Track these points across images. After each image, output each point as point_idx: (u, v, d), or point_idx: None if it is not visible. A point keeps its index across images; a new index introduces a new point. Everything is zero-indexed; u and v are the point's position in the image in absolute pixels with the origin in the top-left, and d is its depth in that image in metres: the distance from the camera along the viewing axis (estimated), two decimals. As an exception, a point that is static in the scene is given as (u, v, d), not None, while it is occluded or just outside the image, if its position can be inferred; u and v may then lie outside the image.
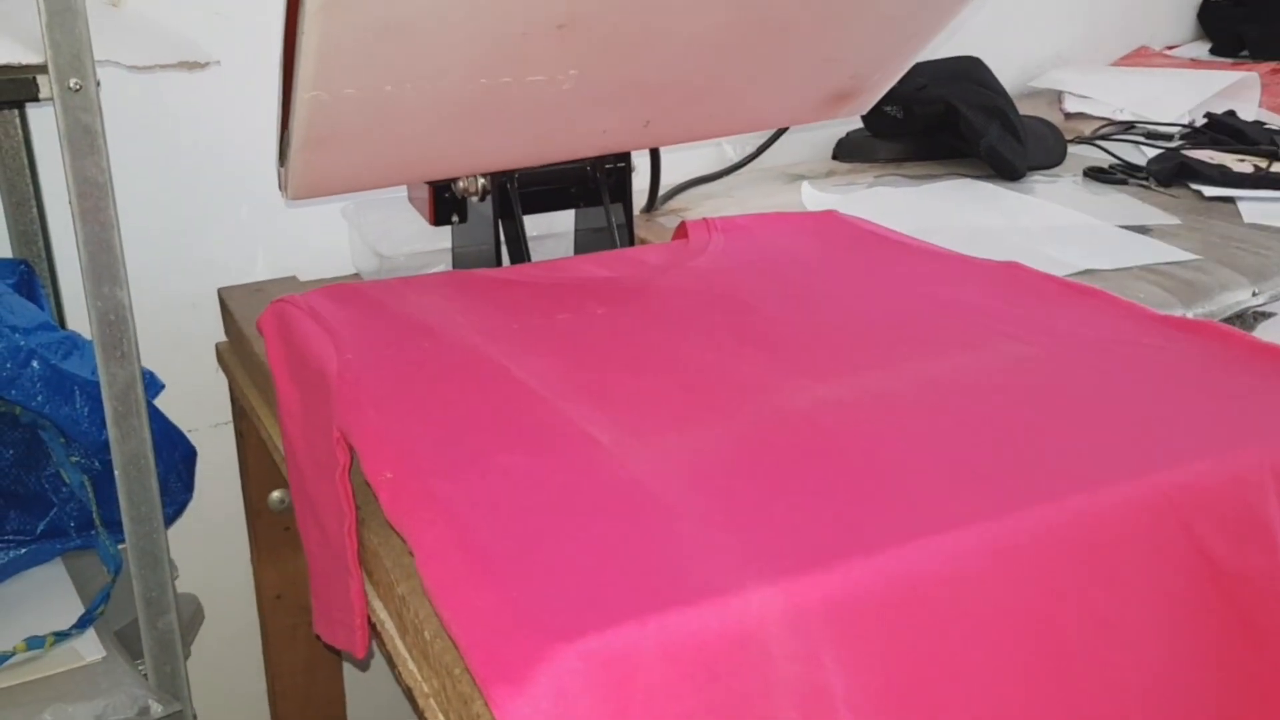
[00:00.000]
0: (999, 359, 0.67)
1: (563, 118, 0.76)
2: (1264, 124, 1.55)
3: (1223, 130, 1.52)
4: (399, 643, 0.60)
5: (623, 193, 0.93)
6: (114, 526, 1.00)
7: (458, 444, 0.58)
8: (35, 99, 0.76)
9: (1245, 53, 1.87)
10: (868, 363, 0.67)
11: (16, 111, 1.01)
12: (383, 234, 1.01)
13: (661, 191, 1.20)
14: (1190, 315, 1.02)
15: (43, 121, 1.01)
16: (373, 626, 0.65)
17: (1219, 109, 1.59)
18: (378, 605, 0.64)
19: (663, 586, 0.45)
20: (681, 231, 0.92)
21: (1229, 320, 1.07)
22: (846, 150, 1.51)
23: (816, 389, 0.63)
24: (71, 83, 0.73)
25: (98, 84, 0.76)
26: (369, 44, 0.63)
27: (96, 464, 0.98)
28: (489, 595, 0.45)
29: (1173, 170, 1.35)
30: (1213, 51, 1.90)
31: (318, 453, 0.68)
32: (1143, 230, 1.18)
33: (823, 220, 0.94)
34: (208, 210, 1.08)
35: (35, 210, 1.04)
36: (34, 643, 0.87)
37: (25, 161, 1.02)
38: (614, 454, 0.56)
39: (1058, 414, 0.60)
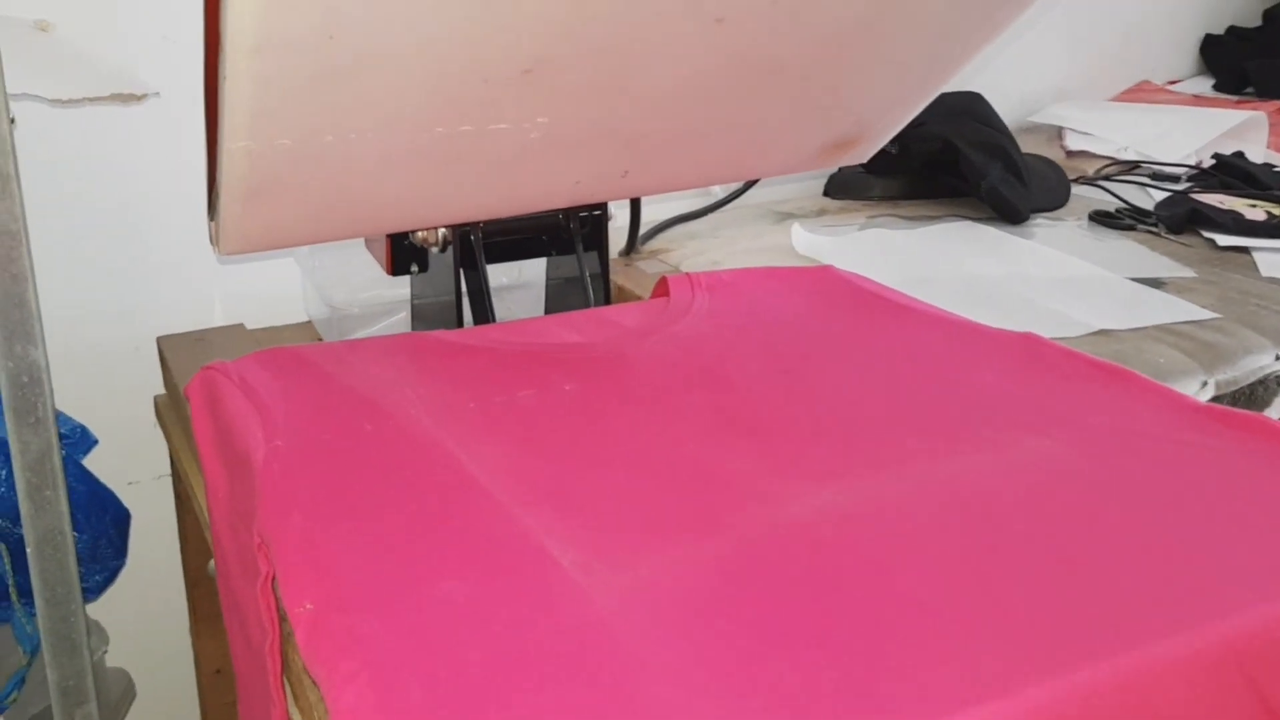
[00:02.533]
0: (1024, 460, 0.59)
1: (531, 168, 0.68)
2: (1274, 167, 1.48)
3: (1232, 173, 1.45)
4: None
5: (598, 241, 0.85)
6: (32, 598, 0.91)
7: (393, 565, 0.49)
8: (-62, 138, 0.68)
9: (1249, 89, 1.81)
10: (873, 461, 0.59)
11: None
12: (337, 280, 0.92)
13: (642, 231, 1.12)
14: (1212, 381, 0.95)
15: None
16: (299, 757, 0.56)
17: (1226, 149, 1.52)
18: (304, 735, 0.56)
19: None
20: (662, 288, 0.83)
21: (1251, 387, 1.00)
22: (838, 187, 1.43)
23: (817, 496, 0.55)
24: (-24, 121, 0.65)
25: (12, 121, 0.69)
26: (306, 91, 0.54)
27: (14, 528, 0.89)
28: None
29: (1183, 216, 1.28)
30: (1216, 87, 1.84)
31: (242, 550, 0.59)
32: (1156, 284, 1.11)
33: (818, 278, 0.85)
34: (149, 250, 1.00)
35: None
36: (-69, 740, 0.78)
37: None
38: (578, 583, 0.48)
39: (1098, 540, 0.52)
